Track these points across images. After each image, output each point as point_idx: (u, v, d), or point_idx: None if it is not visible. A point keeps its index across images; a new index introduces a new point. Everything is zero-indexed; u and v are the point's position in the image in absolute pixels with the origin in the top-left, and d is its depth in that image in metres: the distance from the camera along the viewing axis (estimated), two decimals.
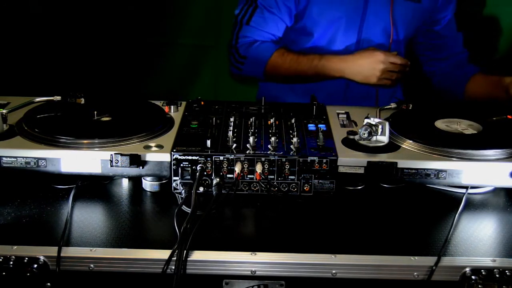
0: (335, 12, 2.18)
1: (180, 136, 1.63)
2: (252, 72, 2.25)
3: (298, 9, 2.20)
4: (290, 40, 2.28)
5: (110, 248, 1.38)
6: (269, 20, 2.20)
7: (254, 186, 1.56)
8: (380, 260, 1.36)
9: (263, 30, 2.21)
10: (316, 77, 2.17)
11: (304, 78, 2.19)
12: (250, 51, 2.21)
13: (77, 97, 1.80)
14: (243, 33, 2.23)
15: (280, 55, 2.18)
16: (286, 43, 2.28)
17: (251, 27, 2.21)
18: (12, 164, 1.53)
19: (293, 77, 2.22)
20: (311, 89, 2.21)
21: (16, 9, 2.71)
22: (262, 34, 2.22)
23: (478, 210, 1.60)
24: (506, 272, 1.35)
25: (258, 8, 2.19)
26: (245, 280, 1.38)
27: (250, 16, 2.20)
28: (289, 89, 2.32)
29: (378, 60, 2.03)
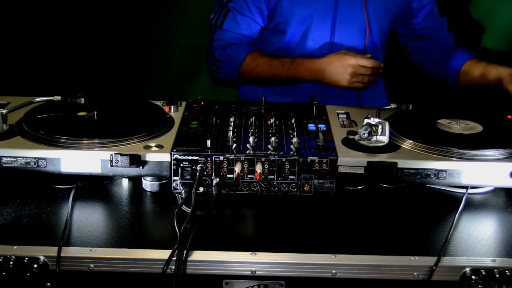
0: (305, 8, 2.18)
1: (180, 136, 1.63)
2: (228, 75, 2.26)
3: (269, 8, 2.20)
4: (266, 41, 2.29)
5: (110, 248, 1.38)
6: (241, 22, 2.21)
7: (254, 186, 1.56)
8: (380, 260, 1.36)
9: (236, 32, 2.22)
10: (288, 80, 2.18)
11: (278, 81, 2.20)
12: (224, 55, 2.23)
13: (77, 97, 1.80)
14: (217, 37, 2.24)
15: (253, 58, 2.19)
16: (263, 44, 2.29)
17: (224, 30, 2.22)
18: (12, 164, 1.53)
19: (267, 80, 2.22)
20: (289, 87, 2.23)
21: (16, 9, 2.71)
22: (235, 37, 2.22)
23: (478, 210, 1.60)
24: (506, 272, 1.34)
25: (230, 12, 2.21)
26: (245, 280, 1.38)
27: (222, 20, 2.22)
28: (268, 89, 2.32)
29: (348, 64, 2.02)
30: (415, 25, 2.31)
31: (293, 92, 2.25)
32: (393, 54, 2.46)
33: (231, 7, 2.20)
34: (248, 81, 2.29)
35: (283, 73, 2.14)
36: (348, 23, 2.21)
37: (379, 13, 2.22)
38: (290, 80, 2.17)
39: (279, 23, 2.22)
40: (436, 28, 2.33)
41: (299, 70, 2.12)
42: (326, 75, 2.07)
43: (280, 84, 2.22)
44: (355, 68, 2.01)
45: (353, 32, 2.22)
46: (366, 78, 2.04)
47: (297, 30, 2.21)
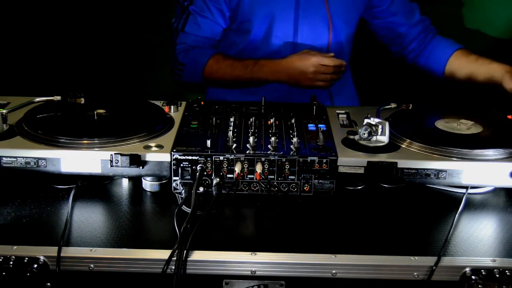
0: (266, 6, 2.17)
1: (180, 136, 1.63)
2: (191, 78, 2.25)
3: (230, 9, 2.20)
4: (231, 41, 2.29)
5: (110, 248, 1.38)
6: (202, 24, 2.20)
7: (254, 186, 1.56)
8: (380, 260, 1.36)
9: (198, 35, 2.21)
10: (252, 82, 2.18)
11: (242, 83, 2.20)
12: (187, 58, 2.22)
13: (77, 97, 1.80)
14: (180, 40, 2.23)
15: (216, 61, 2.18)
16: (228, 46, 2.28)
17: (186, 33, 2.21)
18: (12, 164, 1.53)
19: (231, 82, 2.22)
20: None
21: (16, 9, 2.71)
22: (198, 40, 2.22)
23: (478, 210, 1.60)
24: (506, 272, 1.34)
25: (190, 15, 2.20)
26: (245, 280, 1.37)
27: (184, 23, 2.21)
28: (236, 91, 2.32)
29: (309, 64, 2.03)
30: (382, 13, 2.28)
31: (258, 92, 2.23)
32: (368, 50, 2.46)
33: (191, 10, 2.20)
34: (212, 83, 2.29)
35: (246, 75, 2.15)
36: (310, 19, 2.20)
37: (341, 7, 2.21)
38: (253, 81, 2.17)
39: (241, 23, 2.22)
40: (405, 13, 2.29)
41: (261, 71, 2.12)
42: (288, 75, 2.08)
43: (245, 86, 2.22)
44: (316, 67, 2.02)
45: (317, 29, 2.21)
46: (328, 76, 2.04)
47: (259, 29, 2.20)
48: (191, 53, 2.21)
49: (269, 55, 2.18)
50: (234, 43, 2.28)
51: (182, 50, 2.23)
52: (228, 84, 2.26)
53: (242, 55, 2.24)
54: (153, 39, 2.83)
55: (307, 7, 2.18)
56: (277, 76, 2.11)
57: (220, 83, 2.25)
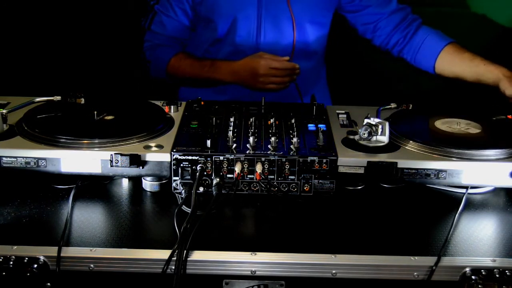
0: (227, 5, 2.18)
1: (180, 136, 1.63)
2: (158, 74, 2.30)
3: (193, 8, 2.23)
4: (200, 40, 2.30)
5: (110, 248, 1.38)
6: (167, 23, 2.25)
7: (254, 186, 1.56)
8: (380, 260, 1.36)
9: (163, 34, 2.26)
10: (210, 82, 2.20)
11: (202, 81, 2.23)
12: (153, 56, 2.28)
13: (77, 97, 1.80)
14: (146, 38, 2.29)
15: (177, 60, 2.23)
16: (198, 44, 2.31)
17: (152, 31, 2.27)
18: (12, 164, 1.53)
19: (192, 81, 2.26)
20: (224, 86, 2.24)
21: (16, 9, 2.71)
22: (163, 38, 2.27)
23: (478, 210, 1.60)
24: (506, 272, 1.34)
25: (156, 14, 2.25)
26: (245, 280, 1.38)
27: (150, 22, 2.26)
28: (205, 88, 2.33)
29: (258, 67, 2.04)
30: (355, 7, 2.27)
31: (226, 91, 2.25)
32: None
33: (157, 9, 2.25)
34: (177, 81, 2.33)
35: (203, 75, 2.18)
36: (273, 19, 2.20)
37: (305, 6, 2.20)
38: (211, 81, 2.19)
39: (206, 23, 2.24)
40: (379, 3, 2.25)
41: (217, 72, 2.15)
42: (240, 77, 2.10)
43: (207, 85, 2.24)
44: (266, 70, 2.03)
45: (280, 29, 2.21)
46: (278, 79, 2.04)
47: (222, 28, 2.22)
48: (156, 51, 2.27)
49: (233, 55, 2.19)
50: (201, 42, 2.30)
51: (148, 48, 2.29)
52: (190, 83, 2.30)
53: (208, 54, 2.27)
54: None
55: (270, 7, 2.18)
56: (231, 78, 2.14)
57: (184, 81, 2.31)
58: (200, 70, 2.18)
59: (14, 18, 2.72)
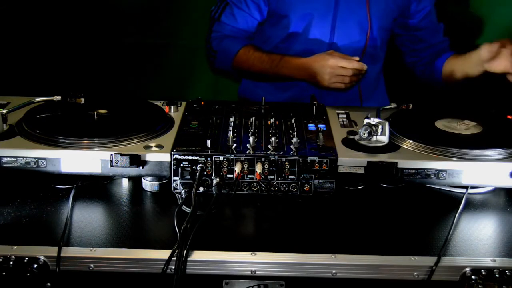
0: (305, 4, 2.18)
1: (180, 136, 1.63)
2: (222, 66, 2.30)
3: (268, 4, 2.23)
4: (267, 36, 2.31)
5: (110, 248, 1.38)
6: (238, 16, 2.25)
7: (254, 186, 1.56)
8: (380, 260, 1.36)
9: (233, 26, 2.26)
10: (277, 77, 2.20)
11: (268, 76, 2.23)
12: (220, 46, 2.27)
13: (77, 97, 1.80)
14: (215, 28, 2.28)
15: (246, 52, 2.22)
16: (264, 39, 2.31)
17: (222, 22, 2.27)
18: (12, 164, 1.53)
19: (258, 75, 2.26)
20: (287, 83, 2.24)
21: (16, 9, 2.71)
22: (232, 30, 2.26)
23: (478, 210, 1.60)
24: (506, 272, 1.35)
25: (228, 5, 2.25)
26: (245, 280, 1.38)
27: (221, 13, 2.26)
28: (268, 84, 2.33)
29: (326, 65, 2.02)
30: (411, 26, 2.31)
31: (288, 88, 2.26)
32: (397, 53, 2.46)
33: (229, 1, 2.25)
34: (241, 73, 2.34)
35: (271, 69, 2.17)
36: (349, 21, 2.21)
37: (380, 11, 2.22)
38: (278, 77, 2.19)
39: (279, 19, 2.24)
40: (432, 31, 2.32)
41: (285, 67, 2.14)
42: (308, 74, 2.09)
43: (272, 79, 2.25)
44: (333, 69, 2.02)
45: (354, 31, 2.22)
46: (347, 78, 2.03)
47: (297, 26, 2.22)
48: (224, 41, 2.26)
49: (304, 54, 2.17)
50: (269, 37, 2.30)
51: (216, 38, 2.28)
52: (255, 76, 2.30)
53: (278, 51, 2.25)
54: (154, 41, 2.83)
55: (347, 9, 2.18)
56: (299, 74, 2.12)
57: (249, 73, 2.30)
58: (268, 64, 2.17)
59: (14, 18, 2.72)
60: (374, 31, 2.24)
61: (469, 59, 2.06)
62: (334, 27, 2.20)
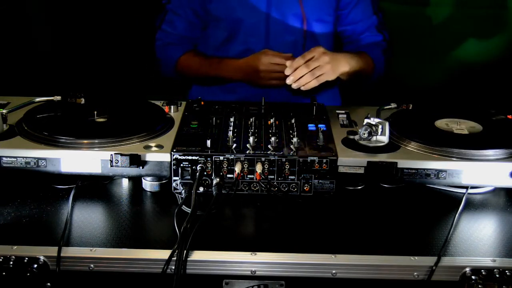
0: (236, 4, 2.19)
1: (180, 136, 1.63)
2: (167, 73, 2.32)
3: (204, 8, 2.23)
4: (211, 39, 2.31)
5: (110, 248, 1.38)
6: (177, 22, 2.26)
7: (254, 186, 1.56)
8: (380, 260, 1.36)
9: (173, 33, 2.28)
10: (219, 79, 2.22)
11: (211, 80, 2.25)
12: (162, 54, 2.30)
13: (77, 97, 1.80)
14: (158, 37, 2.30)
15: (186, 58, 2.25)
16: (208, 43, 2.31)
17: (163, 31, 2.29)
18: (12, 164, 1.53)
19: (201, 79, 2.29)
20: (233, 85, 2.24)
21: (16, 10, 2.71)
22: (173, 37, 2.28)
23: (478, 210, 1.60)
24: (506, 272, 1.34)
25: (167, 13, 2.27)
26: (245, 280, 1.37)
27: (161, 21, 2.28)
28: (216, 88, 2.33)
29: (260, 63, 2.05)
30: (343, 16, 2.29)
31: (235, 90, 2.26)
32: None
33: (168, 8, 2.26)
34: (186, 79, 2.34)
35: (211, 72, 2.20)
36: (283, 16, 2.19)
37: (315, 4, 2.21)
38: (219, 79, 2.21)
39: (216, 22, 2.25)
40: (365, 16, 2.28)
41: (224, 69, 2.17)
42: (246, 74, 2.12)
43: (217, 82, 2.26)
44: (267, 66, 2.04)
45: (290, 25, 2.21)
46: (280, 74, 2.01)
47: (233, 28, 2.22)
48: (165, 49, 2.29)
49: (244, 54, 2.19)
50: (212, 41, 2.31)
51: (158, 46, 2.30)
52: (201, 81, 2.33)
53: (220, 53, 2.27)
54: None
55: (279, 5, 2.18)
56: (237, 75, 2.16)
57: (193, 79, 2.33)
58: (208, 68, 2.20)
59: (14, 18, 2.72)
60: (311, 25, 2.23)
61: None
62: (269, 25, 2.20)
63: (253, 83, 2.12)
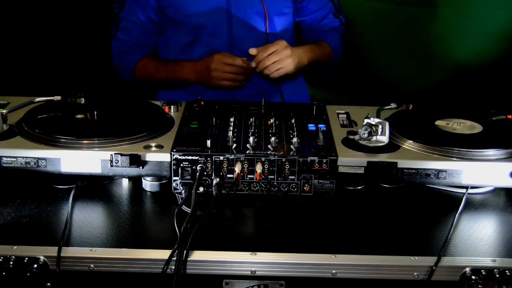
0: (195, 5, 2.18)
1: (180, 136, 1.63)
2: (127, 79, 2.32)
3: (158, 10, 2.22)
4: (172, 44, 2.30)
5: (110, 248, 1.39)
6: (131, 29, 2.26)
7: (254, 186, 1.56)
8: (380, 260, 1.36)
9: (129, 40, 2.28)
10: (178, 82, 2.23)
11: (171, 83, 2.25)
12: (119, 61, 2.31)
13: (77, 97, 1.80)
14: (113, 45, 2.31)
15: (144, 64, 2.26)
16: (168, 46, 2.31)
17: (118, 38, 2.29)
18: (12, 164, 1.53)
19: (161, 83, 2.29)
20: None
21: (16, 9, 2.71)
22: (128, 45, 2.28)
23: (478, 210, 1.60)
24: (506, 272, 1.35)
25: (121, 21, 2.27)
26: (245, 280, 1.38)
27: (116, 29, 2.28)
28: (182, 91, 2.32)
29: (211, 61, 2.08)
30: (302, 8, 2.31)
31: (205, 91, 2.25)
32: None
33: (121, 16, 2.26)
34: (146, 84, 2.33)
35: (169, 75, 2.21)
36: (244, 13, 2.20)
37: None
38: (178, 82, 2.22)
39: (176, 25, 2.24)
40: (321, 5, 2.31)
41: (180, 72, 2.18)
42: (199, 74, 2.13)
43: (177, 86, 2.27)
44: (218, 65, 2.06)
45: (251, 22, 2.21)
46: (231, 76, 2.08)
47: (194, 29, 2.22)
48: (122, 56, 2.29)
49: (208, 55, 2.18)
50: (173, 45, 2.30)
51: (115, 54, 2.31)
52: (160, 85, 2.33)
53: (182, 56, 2.26)
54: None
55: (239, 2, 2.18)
56: (193, 77, 2.17)
57: (153, 83, 2.32)
58: (165, 72, 2.21)
59: (14, 18, 2.72)
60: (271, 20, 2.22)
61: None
62: (231, 24, 2.20)
63: (205, 83, 2.13)
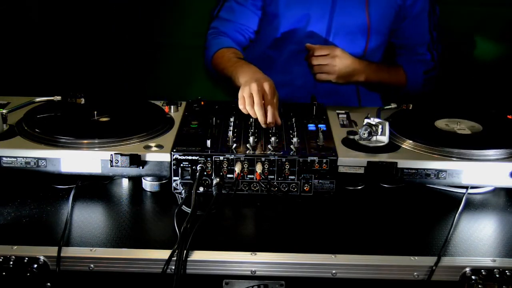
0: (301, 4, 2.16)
1: (180, 136, 1.63)
2: (207, 65, 2.25)
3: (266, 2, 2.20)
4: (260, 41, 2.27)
5: (110, 248, 1.38)
6: (237, 11, 2.21)
7: (254, 186, 1.56)
8: (380, 260, 1.36)
9: (231, 20, 2.22)
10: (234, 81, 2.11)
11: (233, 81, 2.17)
12: (208, 43, 2.23)
13: (77, 97, 1.80)
14: (212, 25, 2.25)
15: (222, 53, 2.15)
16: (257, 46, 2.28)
17: (220, 18, 2.23)
18: (12, 164, 1.53)
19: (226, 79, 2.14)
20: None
21: (16, 9, 2.72)
22: (230, 26, 2.22)
23: (478, 210, 1.60)
24: (506, 272, 1.34)
25: (227, 1, 2.22)
26: (245, 280, 1.38)
27: (220, 9, 2.23)
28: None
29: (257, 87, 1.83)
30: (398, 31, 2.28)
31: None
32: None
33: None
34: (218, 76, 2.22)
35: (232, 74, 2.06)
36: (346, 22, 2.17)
37: (380, 15, 2.19)
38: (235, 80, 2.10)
39: (271, 18, 2.21)
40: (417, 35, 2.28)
41: (239, 71, 2.00)
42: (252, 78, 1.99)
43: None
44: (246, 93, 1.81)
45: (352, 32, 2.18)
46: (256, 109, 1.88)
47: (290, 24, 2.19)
48: (215, 38, 2.22)
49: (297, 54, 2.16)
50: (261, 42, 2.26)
51: (210, 34, 2.25)
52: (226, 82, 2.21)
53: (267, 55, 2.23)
54: (154, 40, 2.83)
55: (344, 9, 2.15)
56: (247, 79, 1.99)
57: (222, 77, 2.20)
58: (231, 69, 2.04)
59: (14, 18, 2.72)
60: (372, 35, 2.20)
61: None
62: (330, 28, 2.17)
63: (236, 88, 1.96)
